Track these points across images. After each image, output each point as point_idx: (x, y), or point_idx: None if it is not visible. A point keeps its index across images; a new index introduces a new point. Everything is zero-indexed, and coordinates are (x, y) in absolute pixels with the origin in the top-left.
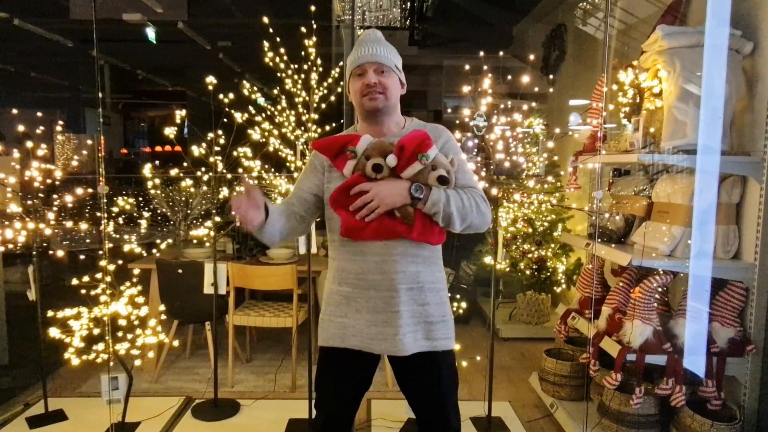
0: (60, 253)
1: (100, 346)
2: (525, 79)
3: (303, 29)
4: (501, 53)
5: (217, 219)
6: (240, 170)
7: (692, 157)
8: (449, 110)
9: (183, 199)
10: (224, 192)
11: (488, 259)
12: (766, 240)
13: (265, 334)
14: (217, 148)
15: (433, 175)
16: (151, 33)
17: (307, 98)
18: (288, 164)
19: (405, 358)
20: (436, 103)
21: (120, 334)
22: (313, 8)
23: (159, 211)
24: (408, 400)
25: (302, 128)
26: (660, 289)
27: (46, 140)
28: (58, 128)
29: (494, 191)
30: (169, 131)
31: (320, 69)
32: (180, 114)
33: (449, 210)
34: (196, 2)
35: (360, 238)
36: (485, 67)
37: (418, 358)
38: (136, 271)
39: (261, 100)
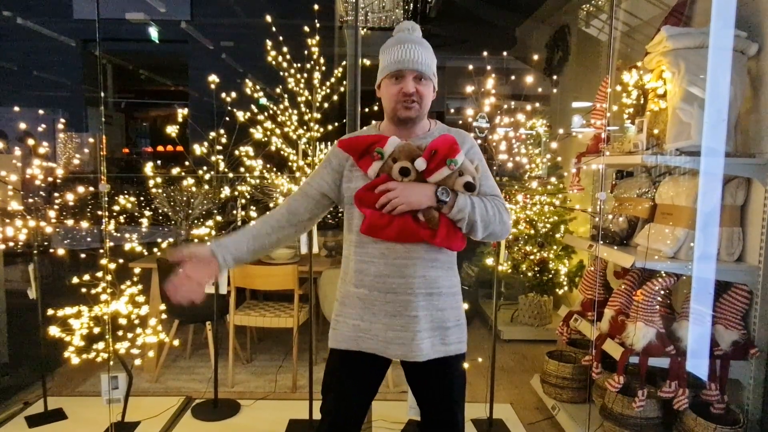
0: (61, 252)
1: (101, 345)
2: (528, 80)
3: (306, 29)
4: (504, 54)
5: (219, 218)
6: (242, 169)
7: (696, 159)
8: (452, 111)
9: (184, 198)
10: (226, 191)
11: (490, 261)
12: None
13: (265, 335)
14: (219, 148)
15: (459, 181)
16: (153, 32)
17: (310, 97)
18: (290, 164)
19: (419, 363)
20: (438, 104)
21: (120, 333)
22: (316, 7)
23: (160, 211)
24: (417, 401)
25: (305, 127)
26: (663, 292)
27: (48, 138)
28: (60, 127)
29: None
30: (171, 130)
31: (323, 68)
32: (182, 113)
33: (474, 217)
34: (199, 2)
35: (381, 237)
36: (488, 68)
37: (432, 362)
38: (137, 270)
39: (263, 101)
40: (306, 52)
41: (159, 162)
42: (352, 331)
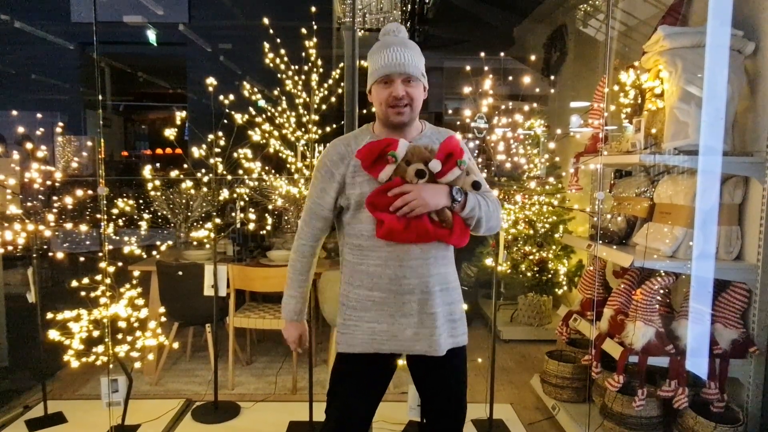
0: (60, 255)
1: (100, 349)
2: (526, 80)
3: (303, 31)
4: (502, 55)
5: (218, 221)
6: (240, 171)
7: (694, 158)
8: (450, 112)
9: (183, 201)
10: (224, 193)
11: (489, 261)
12: None
13: (265, 336)
14: (217, 150)
15: (468, 180)
16: (152, 35)
17: (308, 99)
18: (288, 165)
19: (429, 357)
20: (437, 104)
21: (120, 336)
22: (313, 9)
23: (159, 213)
24: (423, 398)
25: (303, 129)
26: (662, 291)
27: (46, 142)
28: (59, 130)
29: (495, 193)
30: (170, 133)
31: (321, 70)
32: (180, 116)
33: (480, 214)
34: (197, 4)
35: (400, 240)
36: (486, 69)
37: (444, 355)
38: (136, 273)
39: (261, 103)
40: (304, 54)
41: (158, 165)
42: (367, 334)
